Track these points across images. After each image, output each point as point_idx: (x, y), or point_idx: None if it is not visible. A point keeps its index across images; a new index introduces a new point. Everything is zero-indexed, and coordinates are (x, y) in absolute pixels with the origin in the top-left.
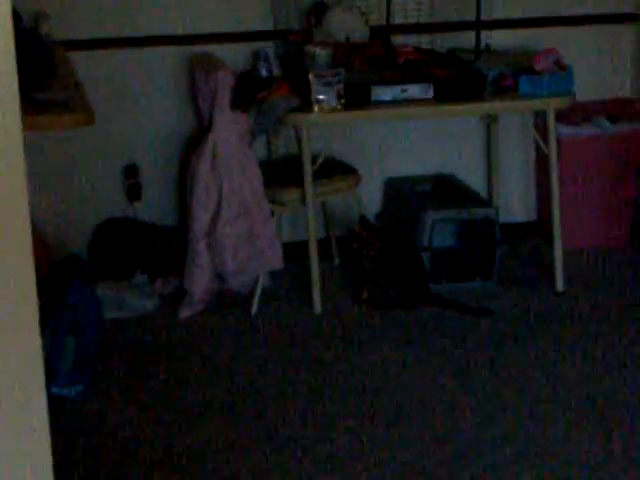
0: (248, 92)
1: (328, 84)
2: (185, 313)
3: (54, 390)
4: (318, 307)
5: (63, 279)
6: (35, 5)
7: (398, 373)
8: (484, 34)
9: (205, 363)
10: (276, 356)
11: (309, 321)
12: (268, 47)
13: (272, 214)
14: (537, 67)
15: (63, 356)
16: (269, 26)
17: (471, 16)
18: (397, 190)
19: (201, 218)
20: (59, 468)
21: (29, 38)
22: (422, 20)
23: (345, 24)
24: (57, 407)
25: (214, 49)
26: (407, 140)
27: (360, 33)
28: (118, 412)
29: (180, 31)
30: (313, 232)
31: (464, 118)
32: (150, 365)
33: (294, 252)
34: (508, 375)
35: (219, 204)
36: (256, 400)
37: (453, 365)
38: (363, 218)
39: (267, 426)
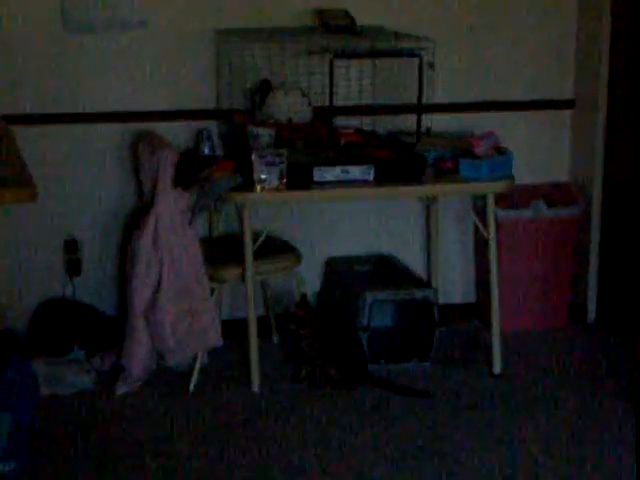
0: (191, 170)
1: (270, 164)
2: (122, 390)
3: None
4: (256, 385)
5: None
6: None
7: (335, 453)
8: (425, 117)
9: (140, 443)
10: (213, 436)
11: (247, 399)
12: (211, 126)
13: (212, 291)
14: (476, 151)
15: None
16: (212, 105)
17: (412, 99)
18: (337, 270)
19: (141, 294)
20: None
21: None
22: (364, 102)
23: (288, 105)
24: None
25: (157, 127)
26: (348, 220)
27: (303, 114)
28: None
29: (123, 108)
30: (252, 311)
31: (405, 199)
32: (84, 443)
33: (233, 329)
34: (445, 458)
35: (159, 281)
36: (191, 478)
37: (390, 447)
38: (304, 297)
39: None
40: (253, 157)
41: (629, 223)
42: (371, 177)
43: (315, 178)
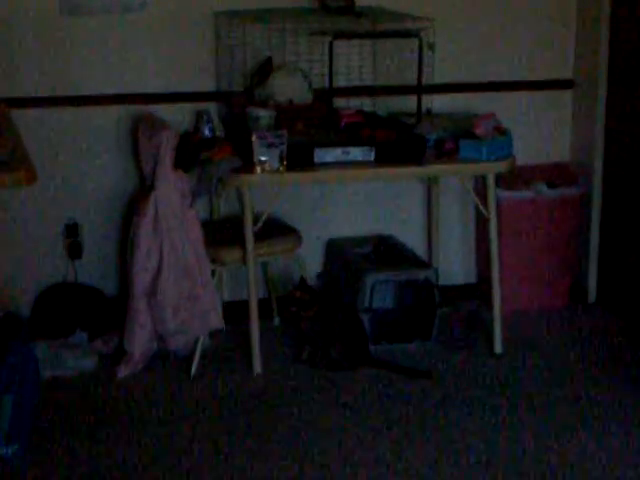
0: (191, 152)
1: (271, 146)
2: (124, 372)
3: None
4: (258, 367)
5: (1, 338)
6: None
7: (337, 434)
8: (425, 98)
9: (142, 424)
10: (214, 418)
11: (249, 381)
12: (211, 108)
13: (213, 274)
14: (477, 132)
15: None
16: (212, 87)
17: (413, 80)
18: (338, 251)
19: (142, 277)
20: None
21: None
22: (364, 83)
23: (288, 87)
24: None
25: (157, 109)
26: (349, 202)
27: (303, 96)
28: (54, 472)
29: (123, 91)
30: (254, 292)
31: (405, 180)
32: (86, 425)
33: (234, 311)
34: (445, 438)
35: (160, 263)
36: (193, 461)
37: (391, 427)
38: (303, 280)
39: None
40: (253, 139)
41: (630, 203)
42: (372, 158)
43: (315, 159)
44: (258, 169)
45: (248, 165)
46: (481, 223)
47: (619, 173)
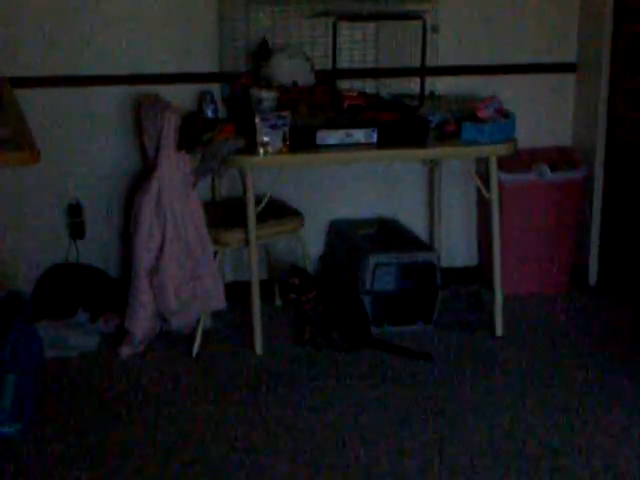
0: (194, 133)
1: (274, 127)
2: (126, 352)
3: None
4: (259, 348)
5: (4, 317)
6: None
7: (338, 415)
8: (428, 80)
9: (145, 403)
10: (216, 398)
11: (250, 362)
12: (214, 89)
13: (215, 254)
14: (480, 115)
15: (2, 394)
16: (215, 68)
17: (416, 62)
18: (340, 233)
19: (144, 257)
20: None
21: None
22: (367, 65)
23: (290, 69)
24: None
25: (160, 90)
26: (351, 183)
27: (306, 77)
28: (56, 451)
29: (126, 71)
30: (255, 273)
31: (407, 162)
32: (89, 404)
33: (236, 292)
34: (446, 420)
35: (162, 243)
36: (195, 441)
37: (393, 409)
38: (294, 267)
39: (205, 468)
40: (256, 120)
41: (631, 187)
42: (374, 140)
43: (318, 141)
44: (261, 150)
45: (251, 146)
46: (483, 206)
47: (621, 157)
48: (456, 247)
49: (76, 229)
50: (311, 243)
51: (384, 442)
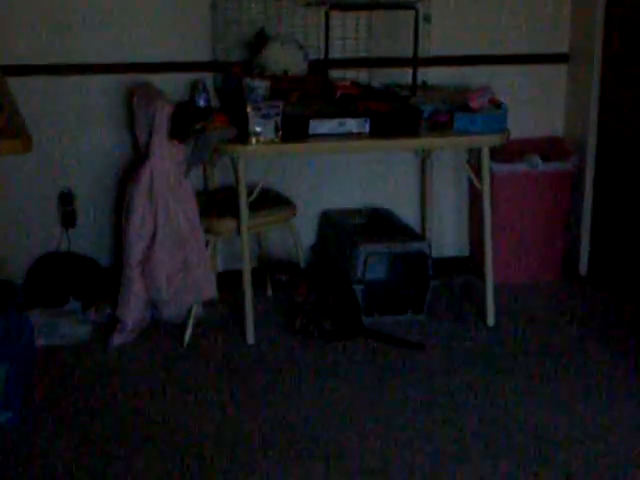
0: (186, 122)
1: (266, 116)
2: (117, 341)
3: None
4: (251, 337)
5: None
6: None
7: (329, 405)
8: (421, 70)
9: (136, 392)
10: (208, 387)
11: (242, 351)
12: (207, 78)
13: (207, 244)
14: (472, 105)
15: None
16: (208, 57)
17: (408, 52)
18: (332, 222)
19: (136, 246)
20: None
21: None
22: (360, 55)
23: (283, 58)
24: None
25: (152, 78)
26: (343, 173)
27: (298, 67)
28: (47, 439)
29: (118, 60)
30: (247, 263)
31: (399, 152)
32: (80, 393)
33: (228, 281)
34: (437, 409)
35: (154, 232)
36: (185, 429)
37: (384, 398)
38: (281, 264)
39: (196, 456)
40: (249, 109)
41: (622, 178)
42: (366, 130)
43: (310, 130)
44: (253, 140)
45: (243, 135)
46: (474, 196)
47: (612, 148)
48: (447, 237)
49: (67, 217)
50: (303, 232)
51: (375, 431)
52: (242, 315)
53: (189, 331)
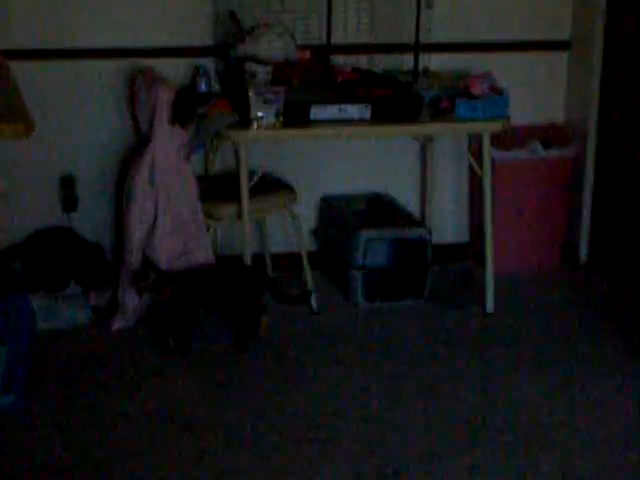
0: (187, 107)
1: (267, 102)
2: (118, 325)
3: None
4: None
5: None
6: None
7: (329, 390)
8: (422, 56)
9: (136, 375)
10: (206, 369)
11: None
12: (208, 63)
13: (208, 229)
14: (473, 91)
15: None
16: (209, 42)
17: (410, 39)
18: (333, 208)
19: (137, 231)
20: None
21: None
22: (361, 41)
23: (273, 46)
24: None
25: (154, 63)
26: (344, 159)
27: (288, 55)
28: (49, 422)
29: (120, 44)
30: (248, 248)
31: (400, 138)
32: (81, 377)
33: None
34: (436, 395)
35: (155, 217)
36: (185, 412)
37: (382, 383)
38: (148, 260)
39: (195, 437)
40: (250, 94)
41: (623, 165)
42: (368, 115)
43: (312, 116)
44: (254, 125)
45: (244, 121)
46: (475, 182)
47: (613, 135)
48: (448, 223)
49: (69, 202)
50: (303, 218)
51: (374, 417)
52: None
53: None
